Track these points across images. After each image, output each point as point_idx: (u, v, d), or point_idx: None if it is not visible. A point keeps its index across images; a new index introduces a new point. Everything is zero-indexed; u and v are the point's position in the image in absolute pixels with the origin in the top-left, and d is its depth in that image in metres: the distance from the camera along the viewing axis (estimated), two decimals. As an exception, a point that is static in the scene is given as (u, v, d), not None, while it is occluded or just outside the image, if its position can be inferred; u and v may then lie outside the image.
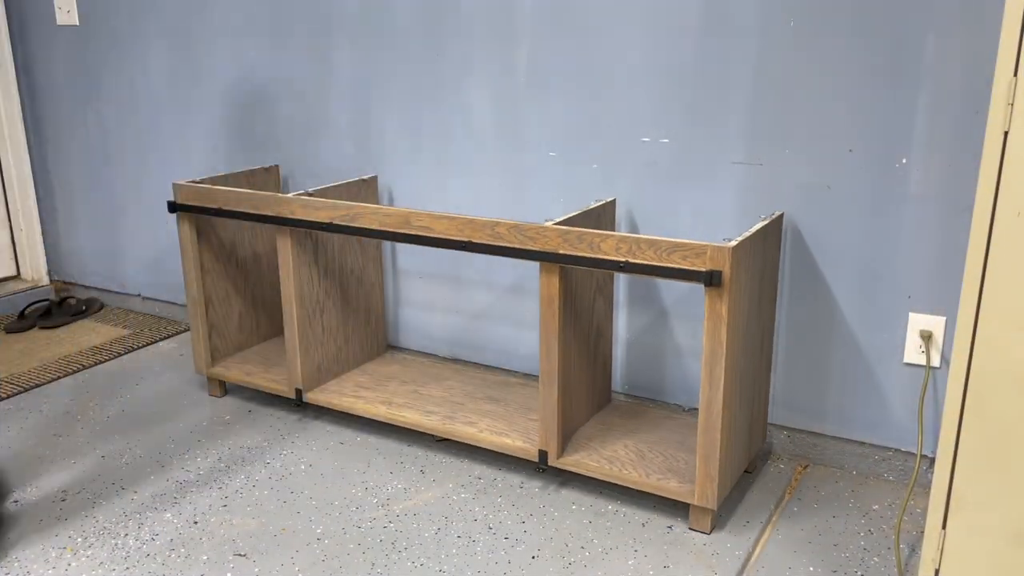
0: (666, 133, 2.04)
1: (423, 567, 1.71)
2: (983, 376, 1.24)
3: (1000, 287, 1.20)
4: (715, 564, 1.71)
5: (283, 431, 2.27)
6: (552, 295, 1.80)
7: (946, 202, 1.79)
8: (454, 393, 2.26)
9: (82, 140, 3.12)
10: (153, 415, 2.37)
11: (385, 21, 2.34)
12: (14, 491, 1.98)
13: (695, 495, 1.77)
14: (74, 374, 2.66)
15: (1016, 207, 1.16)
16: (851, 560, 1.72)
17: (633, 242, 1.68)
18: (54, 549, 1.79)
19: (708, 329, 1.65)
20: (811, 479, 2.01)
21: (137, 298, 3.20)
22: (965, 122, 1.73)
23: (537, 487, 1.99)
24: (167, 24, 2.76)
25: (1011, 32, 1.12)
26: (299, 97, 2.56)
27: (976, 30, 1.68)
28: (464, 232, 1.87)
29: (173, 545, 1.80)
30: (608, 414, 2.13)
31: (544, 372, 1.87)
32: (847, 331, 1.96)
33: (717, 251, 1.61)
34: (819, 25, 1.82)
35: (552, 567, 1.71)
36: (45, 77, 3.14)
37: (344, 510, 1.91)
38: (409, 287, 2.53)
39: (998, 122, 1.15)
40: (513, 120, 2.23)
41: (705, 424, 1.71)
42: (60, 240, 3.34)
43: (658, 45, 2.00)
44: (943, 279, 1.83)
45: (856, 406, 2.00)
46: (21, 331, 3.01)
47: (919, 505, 1.90)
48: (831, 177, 1.89)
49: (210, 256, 2.38)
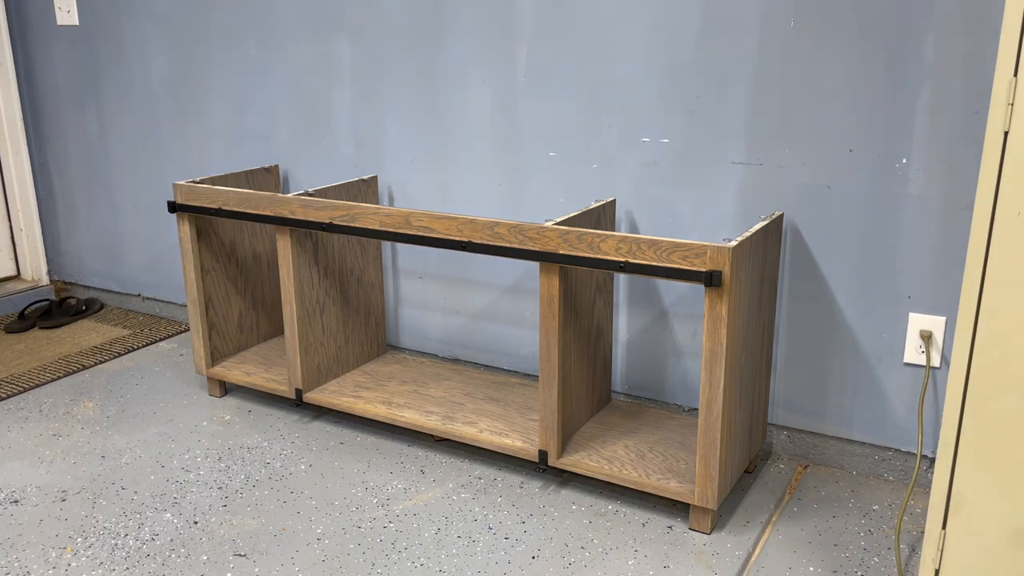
0: (666, 133, 2.04)
1: (423, 567, 1.71)
2: (983, 376, 1.24)
3: (1000, 287, 1.20)
4: (715, 564, 1.71)
5: (283, 431, 2.27)
6: (552, 295, 1.80)
7: (946, 202, 1.79)
8: (454, 393, 2.26)
9: (82, 140, 3.12)
10: (153, 415, 2.37)
11: (386, 21, 2.34)
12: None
13: (695, 495, 1.77)
14: (74, 374, 2.66)
15: (1016, 207, 1.16)
16: (851, 560, 1.72)
17: (633, 242, 1.68)
18: (54, 549, 1.79)
19: (708, 329, 1.65)
20: (811, 479, 2.01)
21: (137, 298, 3.20)
22: (965, 122, 1.73)
23: (537, 487, 2.00)
24: (167, 24, 2.76)
25: (1011, 32, 1.12)
26: (299, 96, 2.56)
27: (976, 30, 1.68)
28: (464, 232, 1.87)
29: (173, 545, 1.80)
30: (608, 414, 2.13)
31: (544, 372, 1.87)
32: (847, 331, 1.96)
33: (717, 251, 1.61)
34: (819, 25, 1.82)
35: (552, 567, 1.71)
36: (45, 77, 3.14)
37: (344, 510, 1.91)
38: (409, 287, 2.53)
39: (998, 122, 1.15)
40: (513, 120, 2.23)
41: (705, 424, 1.71)
42: (60, 240, 3.35)
43: (658, 45, 2.00)
44: (943, 279, 1.83)
45: (856, 406, 2.00)
46: (21, 331, 3.01)
47: (919, 505, 1.90)
48: (831, 177, 1.89)
49: (210, 256, 2.38)
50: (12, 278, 3.39)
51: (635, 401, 2.25)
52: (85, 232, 3.25)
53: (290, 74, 2.56)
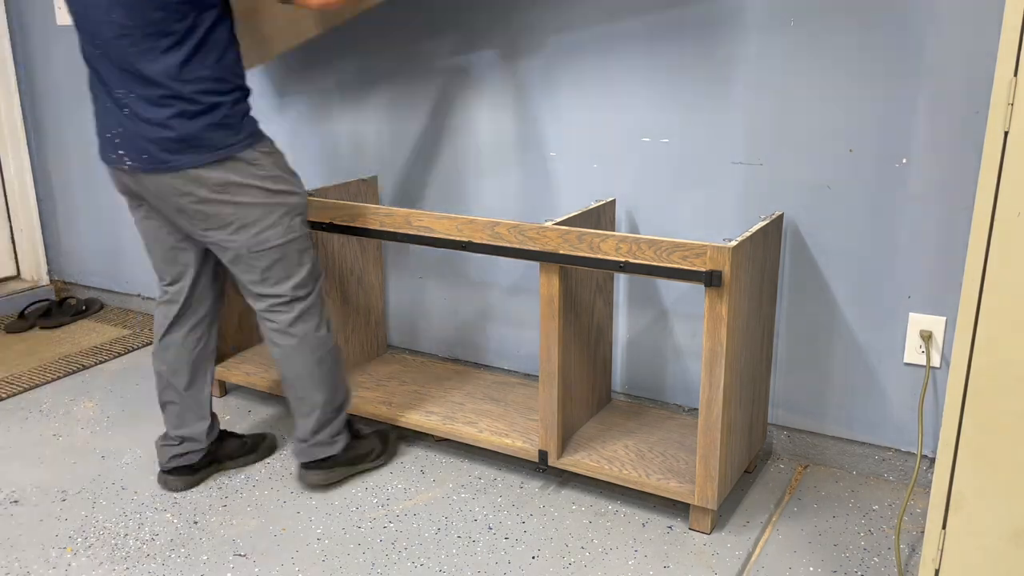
0: (666, 133, 2.04)
1: (423, 567, 1.71)
2: (983, 376, 1.24)
3: (1000, 287, 1.20)
4: (715, 564, 1.71)
5: (283, 431, 2.27)
6: (552, 295, 1.80)
7: (946, 202, 1.79)
8: (454, 393, 2.26)
9: (82, 140, 3.12)
10: (153, 415, 2.37)
11: (387, 20, 2.34)
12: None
13: (695, 495, 1.77)
14: (74, 374, 2.66)
15: (1016, 207, 1.16)
16: (851, 560, 1.72)
17: (633, 242, 1.68)
18: (54, 549, 1.79)
19: (708, 329, 1.65)
20: (811, 479, 2.01)
21: (137, 298, 3.20)
22: (965, 122, 1.73)
23: (537, 487, 1.99)
24: (167, 24, 2.76)
25: (1011, 32, 1.12)
26: (299, 96, 2.56)
27: (976, 30, 1.68)
28: (464, 232, 1.86)
29: (173, 545, 1.80)
30: (608, 414, 2.13)
31: (544, 372, 1.87)
32: (847, 331, 1.96)
33: (717, 251, 1.61)
34: (819, 25, 1.82)
35: (552, 567, 1.71)
36: (45, 77, 3.14)
37: (344, 510, 1.91)
38: (409, 287, 2.53)
39: (998, 122, 1.15)
40: (513, 120, 2.23)
41: (705, 424, 1.71)
42: (60, 240, 3.35)
43: (659, 45, 1.99)
44: (943, 279, 1.83)
45: (856, 406, 2.00)
46: (21, 331, 3.01)
47: (919, 505, 1.90)
48: (831, 177, 1.89)
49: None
50: (12, 278, 3.39)
51: (635, 401, 2.25)
52: (85, 232, 3.25)
53: (290, 73, 2.55)
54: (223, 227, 1.74)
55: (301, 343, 1.85)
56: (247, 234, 1.75)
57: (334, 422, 1.94)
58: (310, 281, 1.85)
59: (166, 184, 1.69)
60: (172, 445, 1.97)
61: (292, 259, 1.81)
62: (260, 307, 1.85)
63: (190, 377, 1.94)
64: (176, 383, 1.93)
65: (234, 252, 1.77)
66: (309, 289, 1.85)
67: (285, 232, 1.78)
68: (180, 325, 1.91)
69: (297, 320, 1.84)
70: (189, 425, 1.96)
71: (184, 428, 1.96)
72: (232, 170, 1.70)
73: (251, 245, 1.76)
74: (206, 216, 1.72)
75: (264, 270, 1.79)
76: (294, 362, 1.87)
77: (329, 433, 1.94)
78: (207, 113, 1.65)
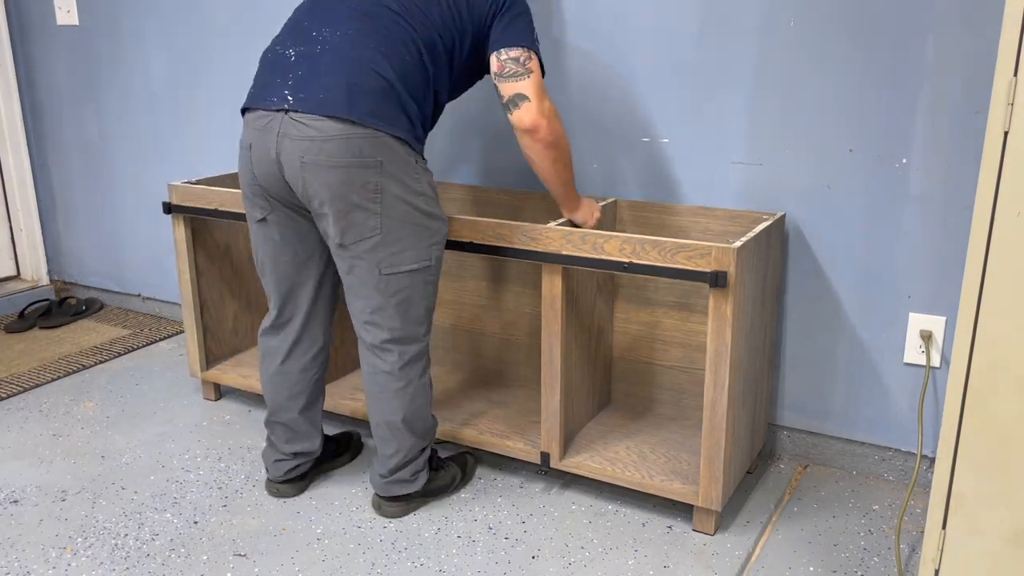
0: (666, 133, 2.04)
1: (423, 567, 1.71)
2: (983, 376, 1.24)
3: (1000, 287, 1.20)
4: (715, 564, 1.71)
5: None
6: (555, 296, 1.80)
7: (946, 202, 1.79)
8: (454, 394, 2.26)
9: (82, 140, 3.12)
10: (153, 415, 2.37)
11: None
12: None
13: (699, 496, 1.76)
14: (74, 374, 2.66)
15: (1016, 207, 1.16)
16: (851, 560, 1.72)
17: (637, 243, 1.68)
18: (54, 549, 1.79)
19: (713, 330, 1.65)
20: (811, 479, 2.02)
21: (137, 298, 3.20)
22: (965, 122, 1.74)
23: (537, 487, 1.99)
24: (167, 24, 2.76)
25: (1011, 32, 1.13)
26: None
27: (976, 30, 1.68)
28: (466, 232, 1.86)
29: (173, 545, 1.80)
30: (609, 415, 2.13)
31: (546, 374, 1.87)
32: (848, 331, 1.96)
33: (722, 252, 1.60)
34: (819, 25, 1.82)
35: (552, 567, 1.71)
36: (45, 77, 3.14)
37: (344, 510, 1.91)
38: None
39: (998, 122, 1.15)
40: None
41: (709, 425, 1.71)
42: (60, 240, 3.34)
43: (659, 45, 2.00)
44: (943, 279, 1.83)
45: (856, 406, 2.00)
46: (21, 331, 3.01)
47: (919, 505, 1.90)
48: (831, 177, 1.89)
49: (205, 258, 2.37)
50: (12, 278, 3.39)
51: (636, 401, 2.25)
52: (85, 232, 3.25)
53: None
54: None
55: (404, 389, 1.79)
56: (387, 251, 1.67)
57: (417, 460, 1.86)
58: (426, 319, 1.78)
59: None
60: (286, 460, 1.93)
61: (419, 291, 1.74)
62: (372, 340, 1.76)
63: (308, 400, 1.91)
64: (292, 406, 1.90)
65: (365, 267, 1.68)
66: (425, 329, 1.79)
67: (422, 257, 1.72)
68: (299, 354, 1.87)
69: (407, 365, 1.77)
70: (302, 442, 1.92)
71: (298, 445, 1.92)
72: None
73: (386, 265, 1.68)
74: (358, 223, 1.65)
75: (391, 295, 1.71)
76: (392, 407, 1.79)
77: (411, 471, 1.86)
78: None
